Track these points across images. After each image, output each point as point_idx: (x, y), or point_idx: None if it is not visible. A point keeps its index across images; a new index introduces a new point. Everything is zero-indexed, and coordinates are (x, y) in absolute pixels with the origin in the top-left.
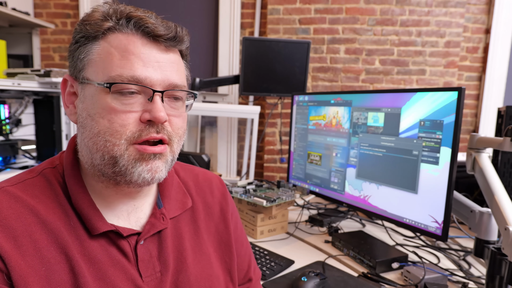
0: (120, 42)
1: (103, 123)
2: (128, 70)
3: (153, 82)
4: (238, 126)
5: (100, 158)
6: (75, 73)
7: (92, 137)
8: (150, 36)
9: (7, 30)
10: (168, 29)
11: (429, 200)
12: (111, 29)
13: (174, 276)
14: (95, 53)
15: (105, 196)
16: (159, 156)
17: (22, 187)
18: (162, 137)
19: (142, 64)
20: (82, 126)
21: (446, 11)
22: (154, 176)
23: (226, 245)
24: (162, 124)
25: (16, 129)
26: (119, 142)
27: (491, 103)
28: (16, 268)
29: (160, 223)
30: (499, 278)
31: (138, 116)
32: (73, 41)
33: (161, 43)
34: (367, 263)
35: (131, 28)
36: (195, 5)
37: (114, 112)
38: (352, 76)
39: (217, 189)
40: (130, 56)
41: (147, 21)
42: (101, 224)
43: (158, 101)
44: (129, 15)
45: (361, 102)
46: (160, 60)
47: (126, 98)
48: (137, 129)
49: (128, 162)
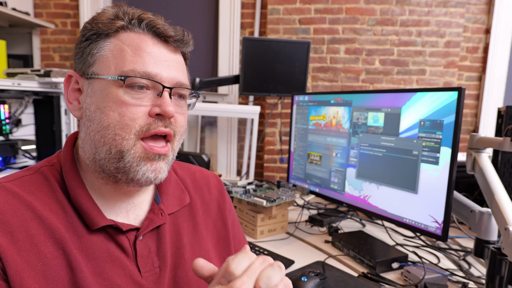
0: (133, 41)
1: (113, 116)
2: (141, 66)
3: (163, 78)
4: (238, 126)
5: (106, 152)
6: (83, 69)
7: (100, 130)
8: (160, 36)
9: (7, 30)
10: (176, 31)
11: (429, 200)
12: (123, 27)
13: (172, 271)
14: (106, 49)
15: (104, 193)
16: (163, 157)
17: (19, 183)
18: (169, 131)
19: (153, 62)
20: (89, 120)
21: (446, 11)
22: (157, 177)
23: (224, 241)
24: (170, 119)
25: (16, 129)
26: (128, 136)
27: (491, 103)
28: (12, 263)
29: (159, 219)
30: (499, 278)
31: (147, 110)
32: (83, 39)
33: (170, 44)
34: (367, 263)
35: (143, 28)
36: (195, 5)
37: (125, 106)
38: (352, 76)
39: (214, 186)
40: (142, 54)
41: (158, 23)
42: (100, 218)
43: (167, 96)
44: (141, 16)
45: (361, 102)
46: (168, 60)
47: (137, 93)
48: (146, 122)
49: (133, 159)
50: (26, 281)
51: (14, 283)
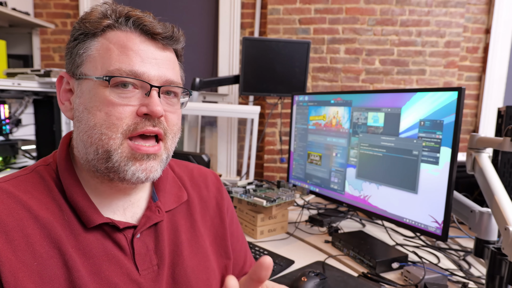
0: (119, 39)
1: (100, 116)
2: (127, 64)
3: (150, 77)
4: (238, 126)
5: (94, 153)
6: (72, 70)
7: (87, 130)
8: (148, 34)
9: (7, 30)
10: (165, 28)
11: (429, 200)
12: (110, 26)
13: (171, 269)
14: (93, 49)
15: (100, 192)
16: (153, 156)
17: (14, 183)
18: (158, 131)
19: (140, 60)
20: (78, 120)
21: (446, 11)
22: (148, 176)
23: (222, 239)
24: (159, 118)
25: (16, 129)
26: (115, 135)
27: (491, 103)
28: (6, 263)
29: (156, 216)
30: (499, 278)
31: (135, 110)
32: (71, 39)
33: (159, 41)
34: (367, 263)
35: (130, 26)
36: (195, 5)
37: (112, 105)
38: (352, 76)
39: (212, 184)
40: (128, 52)
41: (146, 20)
42: (96, 216)
43: (155, 96)
44: (128, 14)
45: (361, 102)
46: (157, 57)
47: (124, 92)
48: (133, 122)
49: (121, 159)
50: (21, 281)
51: (8, 283)
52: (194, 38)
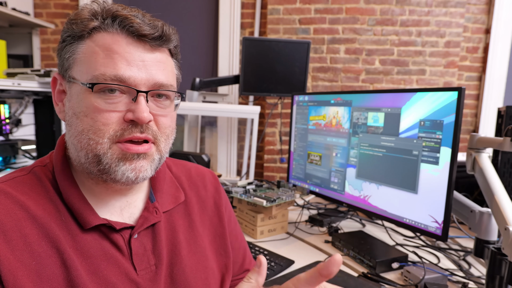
0: (105, 41)
1: (86, 121)
2: (112, 69)
3: (137, 81)
4: (238, 126)
5: (85, 156)
6: (62, 72)
7: (76, 135)
8: (134, 35)
9: (7, 30)
10: (153, 28)
11: (429, 200)
12: (96, 28)
13: (169, 268)
14: (80, 52)
15: (97, 193)
16: (143, 156)
17: (11, 184)
18: (146, 137)
19: (126, 63)
20: (69, 124)
21: (446, 11)
22: (138, 176)
23: (221, 238)
24: (147, 124)
25: (16, 129)
26: (102, 140)
27: (491, 103)
28: (5, 262)
29: (153, 217)
30: (499, 278)
31: (121, 116)
32: (61, 40)
33: (147, 42)
34: (367, 263)
35: (116, 27)
36: (195, 5)
37: (98, 111)
38: (352, 76)
39: (210, 183)
40: (114, 55)
41: (132, 20)
42: (93, 218)
43: (142, 102)
44: (115, 14)
45: (361, 102)
46: (145, 59)
47: (110, 98)
48: (120, 127)
49: (112, 161)
50: (20, 280)
51: (7, 282)
52: (194, 38)
